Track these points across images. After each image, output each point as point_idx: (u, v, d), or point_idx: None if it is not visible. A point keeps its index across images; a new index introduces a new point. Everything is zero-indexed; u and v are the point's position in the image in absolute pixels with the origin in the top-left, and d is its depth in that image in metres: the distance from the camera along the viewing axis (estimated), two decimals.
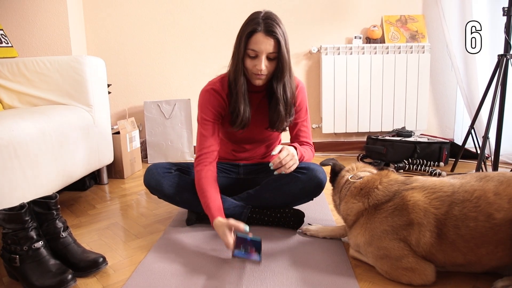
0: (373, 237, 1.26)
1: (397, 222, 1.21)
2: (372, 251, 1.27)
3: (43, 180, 1.76)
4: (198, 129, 1.69)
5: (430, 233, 1.17)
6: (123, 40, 3.37)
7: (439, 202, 1.18)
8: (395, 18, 3.32)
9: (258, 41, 1.48)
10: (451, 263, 1.21)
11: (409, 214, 1.19)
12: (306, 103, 1.79)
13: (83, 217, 1.99)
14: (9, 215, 1.25)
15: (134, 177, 2.84)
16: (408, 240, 1.19)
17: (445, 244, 1.16)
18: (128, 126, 2.91)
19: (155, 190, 1.72)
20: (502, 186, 1.14)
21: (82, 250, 1.41)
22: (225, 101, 1.67)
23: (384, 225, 1.23)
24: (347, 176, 1.45)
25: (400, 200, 1.23)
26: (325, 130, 3.37)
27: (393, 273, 1.23)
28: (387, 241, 1.22)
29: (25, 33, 3.00)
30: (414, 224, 1.18)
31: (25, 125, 1.70)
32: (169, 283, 1.27)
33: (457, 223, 1.14)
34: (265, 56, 1.50)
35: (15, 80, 2.33)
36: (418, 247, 1.18)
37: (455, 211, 1.15)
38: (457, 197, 1.17)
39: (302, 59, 3.41)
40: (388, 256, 1.23)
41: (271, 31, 1.47)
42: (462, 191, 1.18)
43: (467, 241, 1.13)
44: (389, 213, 1.23)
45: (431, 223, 1.16)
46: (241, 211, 1.70)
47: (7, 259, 1.28)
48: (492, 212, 1.11)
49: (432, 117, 3.49)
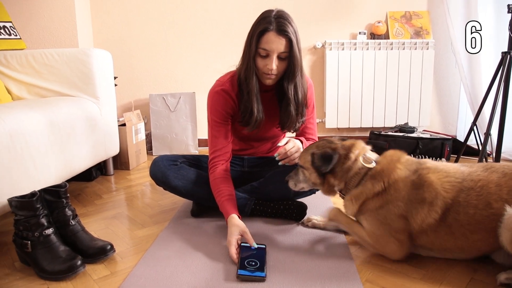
0: (385, 208, 1.29)
1: (411, 199, 1.26)
2: (379, 213, 1.30)
3: (52, 169, 1.80)
4: (209, 130, 1.69)
5: (436, 214, 1.22)
6: (129, 33, 3.40)
7: (450, 186, 1.23)
8: (400, 14, 3.33)
9: (269, 40, 1.46)
10: (439, 247, 1.26)
11: (423, 193, 1.24)
12: (314, 100, 1.80)
13: (90, 207, 2.03)
14: (21, 202, 1.30)
15: (139, 168, 2.88)
16: (414, 216, 1.25)
17: (442, 226, 1.22)
18: (134, 119, 2.94)
19: (161, 182, 1.76)
20: (505, 178, 1.19)
21: (91, 237, 1.45)
22: (234, 101, 1.65)
23: (399, 201, 1.27)
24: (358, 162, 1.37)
25: (418, 178, 1.27)
26: (328, 125, 3.39)
27: (383, 240, 1.32)
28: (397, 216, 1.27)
29: (33, 26, 3.03)
30: (425, 202, 1.23)
31: (35, 116, 1.74)
32: (175, 270, 1.31)
33: (458, 209, 1.20)
34: (276, 56, 1.49)
35: (24, 72, 2.36)
36: (421, 226, 1.24)
37: (461, 198, 1.21)
38: (465, 184, 1.22)
39: (307, 54, 3.43)
40: (389, 224, 1.29)
41: (283, 30, 1.46)
42: (469, 179, 1.23)
43: (462, 226, 1.20)
44: (406, 189, 1.27)
45: (439, 205, 1.22)
46: (245, 203, 1.74)
47: (19, 244, 1.33)
48: (491, 202, 1.16)
49: (435, 114, 3.51)
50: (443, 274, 1.27)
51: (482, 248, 1.24)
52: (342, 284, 1.21)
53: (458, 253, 1.30)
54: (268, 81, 1.57)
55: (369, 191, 1.33)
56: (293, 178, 1.52)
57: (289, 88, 1.58)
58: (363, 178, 1.36)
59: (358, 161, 1.38)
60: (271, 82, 1.58)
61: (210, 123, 1.69)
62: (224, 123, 1.67)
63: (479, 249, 1.25)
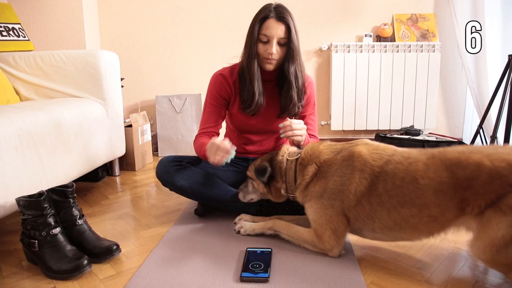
0: (326, 188, 1.38)
1: (344, 171, 1.35)
2: (321, 201, 1.38)
3: (59, 169, 1.82)
4: (202, 112, 1.85)
5: (366, 181, 1.30)
6: (136, 35, 3.43)
7: (378, 156, 1.32)
8: (406, 16, 3.33)
9: (269, 26, 1.59)
10: (379, 224, 1.30)
11: (353, 162, 1.34)
12: (315, 97, 1.86)
13: (96, 207, 2.05)
14: (29, 202, 1.31)
15: (145, 169, 2.90)
16: (348, 187, 1.32)
17: (374, 196, 1.29)
18: (140, 120, 2.96)
19: (167, 182, 1.77)
20: (433, 159, 1.24)
21: (97, 237, 1.46)
22: (230, 87, 1.77)
23: (336, 176, 1.37)
24: (284, 159, 1.52)
25: (347, 152, 1.38)
26: (333, 127, 3.39)
27: (324, 226, 1.37)
28: (335, 192, 1.35)
29: (41, 28, 3.06)
30: (356, 170, 1.32)
31: (43, 116, 1.76)
32: (180, 271, 1.32)
33: (386, 178, 1.27)
34: (276, 41, 1.61)
35: (32, 73, 2.39)
36: (356, 195, 1.31)
37: (388, 168, 1.28)
38: (394, 158, 1.30)
39: (312, 56, 3.44)
40: (331, 206, 1.35)
41: (282, 17, 1.59)
42: (400, 155, 1.31)
43: (391, 198, 1.25)
44: (339, 164, 1.38)
45: (368, 172, 1.30)
46: (251, 204, 1.74)
47: (26, 243, 1.35)
48: (417, 178, 1.22)
49: (441, 116, 3.50)
50: (448, 277, 1.27)
51: (419, 227, 1.25)
52: (346, 286, 1.21)
53: (400, 233, 1.30)
54: (268, 66, 1.67)
55: (306, 176, 1.44)
56: (243, 190, 1.65)
57: (290, 72, 1.68)
58: (296, 170, 1.48)
59: (284, 158, 1.52)
60: (271, 68, 1.68)
61: (204, 104, 1.84)
62: (216, 105, 1.79)
63: (416, 228, 1.25)
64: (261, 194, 1.61)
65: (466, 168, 1.16)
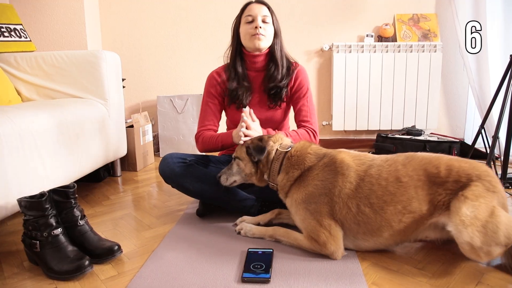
0: (307, 193, 1.43)
1: (325, 176, 1.42)
2: (304, 207, 1.42)
3: (60, 170, 1.82)
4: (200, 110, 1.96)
5: (350, 184, 1.37)
6: (137, 35, 3.43)
7: (360, 163, 1.42)
8: (408, 16, 3.33)
9: (252, 8, 1.79)
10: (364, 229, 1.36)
11: (336, 167, 1.42)
12: (308, 83, 1.92)
13: (98, 207, 2.05)
14: (30, 202, 1.31)
15: (147, 169, 2.90)
16: (332, 190, 1.38)
17: (361, 199, 1.35)
18: (142, 120, 2.97)
19: (169, 179, 1.77)
20: (408, 159, 1.39)
21: (98, 238, 1.46)
22: (222, 83, 1.88)
23: (316, 180, 1.43)
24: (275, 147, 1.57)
25: (329, 159, 1.46)
26: (335, 128, 3.39)
27: (314, 231, 1.39)
28: (317, 196, 1.40)
29: (43, 28, 3.07)
30: (338, 174, 1.40)
31: (44, 117, 1.76)
32: (181, 271, 1.32)
33: (371, 180, 1.36)
34: (261, 19, 1.77)
35: (34, 74, 2.39)
36: (339, 197, 1.37)
37: (372, 171, 1.39)
38: (375, 162, 1.42)
39: (314, 57, 3.44)
40: (316, 211, 1.39)
41: (262, 1, 1.82)
42: (379, 159, 1.43)
43: (378, 198, 1.34)
44: (320, 169, 1.44)
45: (352, 176, 1.38)
46: (252, 204, 1.75)
47: (28, 244, 1.35)
48: (399, 176, 1.34)
49: (443, 116, 3.49)
50: (449, 278, 1.26)
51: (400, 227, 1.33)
52: (348, 286, 1.21)
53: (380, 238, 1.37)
54: (257, 42, 1.78)
55: (290, 177, 1.50)
56: (226, 172, 1.65)
57: (276, 49, 1.83)
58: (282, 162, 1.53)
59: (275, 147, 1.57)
60: (261, 44, 1.79)
61: (201, 103, 1.94)
62: (211, 101, 1.89)
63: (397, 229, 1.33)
64: (246, 175, 1.61)
65: (438, 167, 1.33)
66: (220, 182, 1.64)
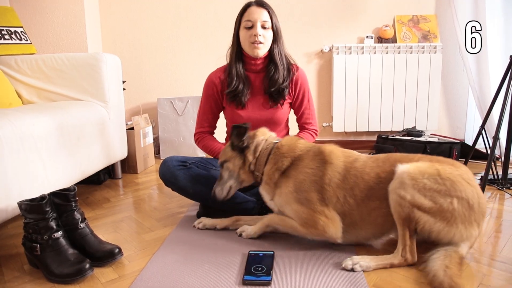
0: (297, 182, 1.46)
1: (315, 164, 1.47)
2: (295, 196, 1.45)
3: (61, 172, 1.82)
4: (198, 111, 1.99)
5: (338, 174, 1.43)
6: (138, 37, 3.43)
7: (348, 154, 1.51)
8: (407, 18, 3.33)
9: (252, 12, 1.75)
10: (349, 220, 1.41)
11: (325, 157, 1.47)
12: (308, 85, 1.96)
13: (99, 210, 2.05)
14: (31, 205, 1.31)
15: (147, 172, 2.90)
16: (322, 178, 1.43)
17: (347, 190, 1.41)
18: (142, 122, 2.97)
19: (169, 182, 1.77)
20: (387, 157, 1.47)
21: (99, 241, 1.46)
22: (220, 83, 1.88)
23: (306, 168, 1.47)
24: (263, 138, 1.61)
25: (318, 149, 1.52)
26: (335, 129, 3.39)
27: (310, 218, 1.41)
28: (308, 183, 1.44)
29: (43, 31, 3.07)
30: (327, 163, 1.45)
31: (45, 119, 1.76)
32: (182, 274, 1.32)
33: (356, 173, 1.43)
34: (260, 25, 1.75)
35: (34, 76, 2.40)
36: (329, 186, 1.42)
37: (358, 164, 1.45)
38: (360, 157, 1.50)
39: (314, 58, 3.44)
40: (308, 199, 1.42)
41: (262, 4, 1.78)
42: (364, 157, 1.51)
43: (361, 190, 1.40)
44: (310, 158, 1.49)
45: (340, 166, 1.45)
46: (252, 206, 1.75)
47: (28, 247, 1.35)
48: (379, 173, 1.42)
49: (443, 117, 3.49)
50: None
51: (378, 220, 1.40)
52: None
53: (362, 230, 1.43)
54: (256, 51, 1.78)
55: (279, 166, 1.52)
56: (218, 184, 1.63)
57: (275, 53, 1.82)
58: (271, 153, 1.56)
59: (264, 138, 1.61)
60: (259, 52, 1.79)
61: (200, 102, 1.97)
62: (209, 102, 1.92)
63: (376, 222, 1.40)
64: (238, 176, 1.61)
65: None
66: (216, 197, 1.62)
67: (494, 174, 2.31)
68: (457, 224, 1.27)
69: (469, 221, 1.28)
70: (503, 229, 1.71)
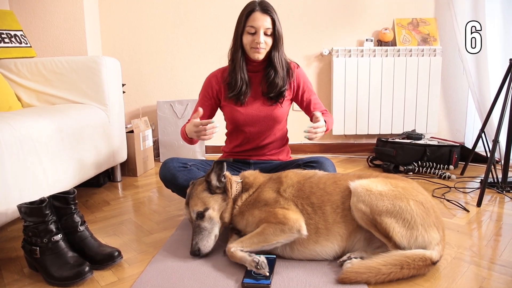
0: (258, 198, 1.51)
1: (273, 183, 1.55)
2: (256, 207, 1.49)
3: (61, 175, 1.82)
4: None
5: (292, 187, 1.50)
6: (137, 40, 3.44)
7: (303, 174, 1.58)
8: (407, 21, 3.34)
9: (256, 18, 1.76)
10: (314, 225, 1.41)
11: (281, 178, 1.56)
12: (308, 80, 2.02)
13: (98, 213, 2.05)
14: (30, 208, 1.31)
15: (147, 175, 2.90)
16: (278, 191, 1.50)
17: (303, 198, 1.46)
18: (142, 125, 2.97)
19: (170, 183, 1.78)
20: (345, 174, 1.57)
21: (98, 244, 1.46)
22: (218, 83, 1.94)
23: (266, 188, 1.54)
24: (234, 179, 1.60)
25: (276, 176, 1.59)
26: (335, 132, 3.39)
27: (270, 213, 1.42)
28: (266, 195, 1.50)
29: (43, 34, 3.07)
30: (283, 182, 1.53)
31: (44, 122, 1.76)
32: (182, 277, 1.31)
33: (312, 185, 1.50)
34: (263, 32, 1.77)
35: (34, 80, 2.40)
36: (285, 193, 1.49)
37: (313, 179, 1.53)
38: (317, 173, 1.58)
39: (314, 61, 3.44)
40: (266, 204, 1.47)
41: (267, 10, 1.77)
42: (320, 173, 1.60)
43: (317, 197, 1.45)
44: (270, 182, 1.57)
45: (294, 181, 1.53)
46: None
47: (28, 250, 1.34)
48: (337, 181, 1.50)
49: (443, 120, 3.49)
50: (451, 283, 1.26)
51: (334, 229, 1.40)
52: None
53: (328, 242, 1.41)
54: (256, 55, 1.82)
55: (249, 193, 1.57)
56: (200, 240, 1.44)
57: (275, 58, 1.85)
58: (242, 190, 1.58)
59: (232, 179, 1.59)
60: (260, 56, 1.82)
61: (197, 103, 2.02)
62: (204, 101, 1.96)
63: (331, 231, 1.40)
64: (222, 219, 1.49)
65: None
66: (202, 253, 1.43)
67: (494, 178, 2.31)
68: (417, 226, 1.29)
69: (428, 223, 1.30)
70: (503, 232, 1.71)
